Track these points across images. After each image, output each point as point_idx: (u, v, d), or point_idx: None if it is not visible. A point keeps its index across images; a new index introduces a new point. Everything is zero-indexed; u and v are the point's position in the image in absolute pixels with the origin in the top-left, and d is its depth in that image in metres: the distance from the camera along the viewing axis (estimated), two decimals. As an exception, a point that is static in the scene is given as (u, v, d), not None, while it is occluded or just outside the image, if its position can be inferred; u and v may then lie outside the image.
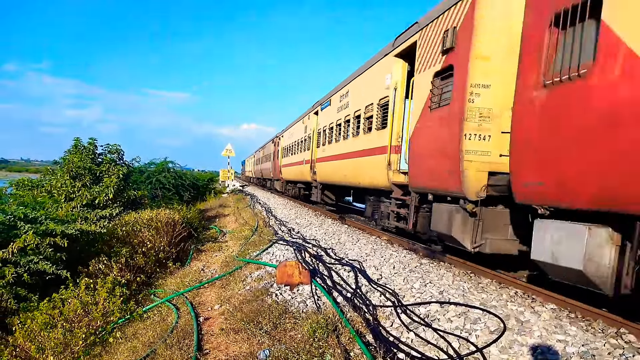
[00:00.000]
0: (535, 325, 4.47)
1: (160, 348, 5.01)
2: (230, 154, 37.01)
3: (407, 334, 4.60)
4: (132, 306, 7.07)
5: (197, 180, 31.59)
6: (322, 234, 11.59)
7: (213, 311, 6.44)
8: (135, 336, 5.97)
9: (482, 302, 5.25)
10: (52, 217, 8.66)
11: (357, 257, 8.20)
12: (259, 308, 5.71)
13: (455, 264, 7.47)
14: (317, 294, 6.16)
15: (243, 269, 8.43)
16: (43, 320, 5.90)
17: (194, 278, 8.49)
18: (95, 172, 13.57)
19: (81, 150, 13.75)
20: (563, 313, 4.94)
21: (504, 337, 4.23)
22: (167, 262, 9.77)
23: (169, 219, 11.70)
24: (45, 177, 13.93)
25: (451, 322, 4.74)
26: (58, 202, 12.63)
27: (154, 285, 8.76)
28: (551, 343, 4.08)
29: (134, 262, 8.78)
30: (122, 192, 13.99)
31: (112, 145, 14.86)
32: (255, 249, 10.07)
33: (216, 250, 11.55)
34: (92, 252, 8.77)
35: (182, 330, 5.60)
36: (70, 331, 5.80)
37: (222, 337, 5.20)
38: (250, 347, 4.69)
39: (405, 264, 7.41)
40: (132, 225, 10.77)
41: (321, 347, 4.33)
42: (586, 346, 3.98)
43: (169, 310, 6.74)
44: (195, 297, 7.30)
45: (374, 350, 4.23)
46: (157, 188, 22.63)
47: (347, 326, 4.72)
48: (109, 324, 6.34)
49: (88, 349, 5.76)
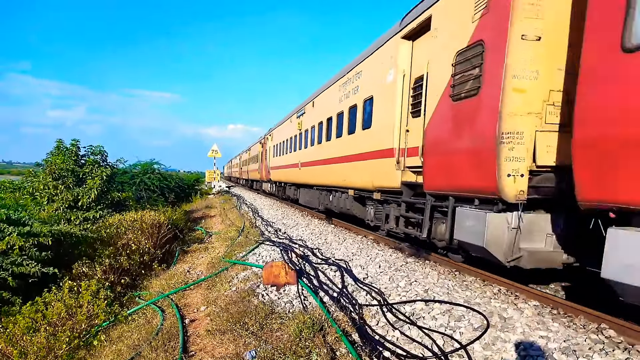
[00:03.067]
0: (518, 322, 4.54)
1: (146, 350, 4.98)
2: (216, 155, 36.69)
3: (392, 333, 4.64)
4: (116, 309, 7.00)
5: (182, 181, 31.39)
6: (309, 234, 11.60)
7: (199, 313, 6.41)
8: (120, 339, 5.92)
9: (466, 299, 5.31)
10: (35, 218, 8.54)
11: (343, 257, 8.23)
12: (245, 309, 5.71)
13: (441, 262, 7.54)
14: (303, 294, 6.17)
15: (229, 270, 8.40)
16: (25, 324, 5.81)
17: (180, 280, 8.43)
18: (79, 173, 13.42)
19: (64, 151, 13.58)
20: (545, 310, 5.02)
21: (488, 334, 4.28)
22: (152, 264, 9.70)
23: (154, 220, 11.61)
24: (28, 179, 13.72)
25: (436, 320, 4.79)
26: (40, 204, 12.46)
27: (139, 288, 8.69)
28: (534, 339, 4.14)
29: (119, 264, 8.70)
30: (105, 194, 13.86)
31: (96, 147, 14.72)
32: (241, 249, 10.04)
33: (202, 251, 11.50)
34: (76, 255, 8.66)
35: (167, 332, 5.56)
36: (53, 335, 5.72)
37: (208, 338, 5.18)
38: (237, 348, 4.68)
39: (391, 263, 7.46)
40: (116, 227, 10.67)
41: (307, 347, 4.34)
42: (568, 342, 4.05)
43: (155, 313, 6.69)
44: (181, 298, 7.26)
45: (360, 349, 4.26)
46: (142, 189, 22.45)
47: (334, 325, 4.74)
48: (93, 327, 6.27)
49: (72, 353, 5.69)
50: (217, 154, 36.63)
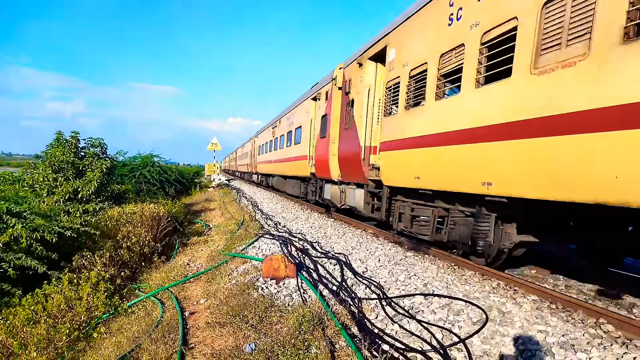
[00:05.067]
0: (516, 316, 4.55)
1: (145, 343, 4.99)
2: (216, 148, 36.64)
3: (391, 326, 4.65)
4: (116, 301, 7.02)
5: (182, 174, 31.35)
6: (309, 227, 11.62)
7: (199, 305, 6.42)
8: (120, 331, 5.93)
9: (465, 293, 5.33)
10: (36, 211, 8.54)
11: (343, 251, 8.24)
12: (245, 302, 5.72)
13: (440, 256, 7.56)
14: (303, 288, 6.18)
15: (229, 263, 8.42)
16: (26, 315, 5.84)
17: (180, 272, 8.45)
18: (78, 166, 13.41)
19: (64, 144, 13.56)
20: (544, 304, 5.04)
21: (486, 328, 4.30)
22: (152, 257, 9.72)
23: (153, 213, 11.62)
24: (27, 171, 13.72)
25: (435, 314, 4.80)
26: (40, 196, 12.46)
27: (138, 280, 8.71)
28: (532, 333, 4.16)
29: (119, 257, 8.72)
30: (105, 186, 13.85)
31: (95, 139, 14.70)
32: (241, 243, 10.05)
33: (202, 244, 11.51)
34: (76, 247, 8.67)
35: (167, 325, 5.57)
36: (53, 327, 5.74)
37: (208, 331, 5.19)
38: (236, 340, 4.69)
39: (390, 257, 7.47)
40: (116, 219, 10.68)
41: (307, 340, 4.35)
42: (566, 336, 4.07)
43: (154, 305, 6.71)
44: (180, 291, 7.27)
45: (359, 342, 4.27)
46: (142, 182, 22.44)
47: (333, 319, 4.75)
48: (93, 319, 6.29)
49: (72, 345, 5.71)
50: (217, 147, 36.60)
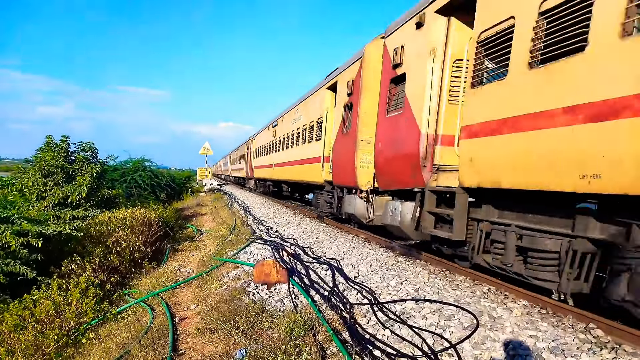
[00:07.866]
0: (507, 321, 4.57)
1: (135, 349, 4.94)
2: (207, 153, 36.62)
3: (383, 331, 4.65)
4: (105, 307, 6.94)
5: (173, 179, 31.18)
6: (301, 232, 11.60)
7: (189, 311, 6.37)
8: (109, 337, 5.87)
9: (456, 299, 5.34)
10: (25, 216, 8.44)
11: (334, 256, 8.24)
12: (235, 307, 5.69)
13: (431, 261, 7.58)
14: (294, 293, 6.17)
15: (220, 268, 8.37)
16: (13, 321, 5.75)
17: (170, 278, 8.39)
18: (68, 170, 13.26)
19: (53, 148, 13.41)
20: (534, 309, 5.06)
21: (477, 333, 4.31)
22: (142, 262, 9.62)
23: (144, 218, 11.53)
24: (16, 176, 13.56)
25: (426, 319, 4.81)
26: (29, 201, 12.32)
27: (128, 286, 8.63)
28: (523, 339, 4.17)
29: (108, 262, 8.63)
30: (95, 191, 13.71)
31: (86, 143, 14.53)
32: (232, 248, 10.01)
33: (193, 249, 11.45)
34: (65, 252, 8.57)
35: (157, 331, 5.52)
36: (41, 332, 5.66)
37: (198, 337, 5.16)
38: (227, 346, 4.66)
39: (382, 262, 7.48)
40: (106, 224, 10.58)
41: (298, 346, 4.33)
42: (556, 341, 4.09)
43: (144, 311, 6.65)
44: (171, 297, 7.21)
45: (350, 348, 4.26)
46: (133, 187, 22.29)
47: (324, 324, 4.74)
48: (82, 325, 6.21)
49: (60, 351, 5.64)
50: (208, 151, 36.59)
